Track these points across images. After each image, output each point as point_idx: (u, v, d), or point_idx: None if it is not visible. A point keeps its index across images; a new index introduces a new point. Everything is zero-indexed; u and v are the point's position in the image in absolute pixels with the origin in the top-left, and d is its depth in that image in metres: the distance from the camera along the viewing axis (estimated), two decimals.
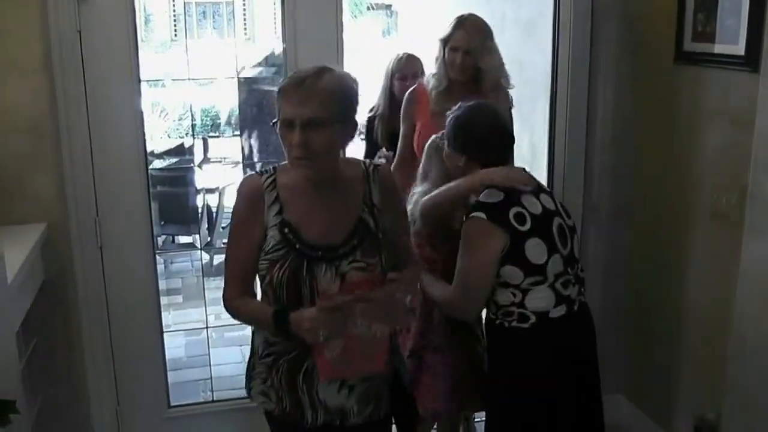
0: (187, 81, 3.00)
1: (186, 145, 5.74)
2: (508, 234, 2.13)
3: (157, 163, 5.25)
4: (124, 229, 2.71)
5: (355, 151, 3.28)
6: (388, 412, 1.98)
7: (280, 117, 1.74)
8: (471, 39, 2.77)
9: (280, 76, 2.92)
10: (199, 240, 5.16)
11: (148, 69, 2.89)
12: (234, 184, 4.95)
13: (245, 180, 1.91)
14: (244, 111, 3.81)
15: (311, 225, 1.81)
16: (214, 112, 6.99)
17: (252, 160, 4.21)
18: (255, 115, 4.14)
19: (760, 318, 2.29)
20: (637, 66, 2.94)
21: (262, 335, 1.89)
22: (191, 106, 5.01)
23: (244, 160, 3.87)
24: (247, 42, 6.08)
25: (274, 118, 1.77)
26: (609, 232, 3.12)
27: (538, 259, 2.14)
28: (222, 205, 5.17)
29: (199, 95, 5.58)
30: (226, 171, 5.57)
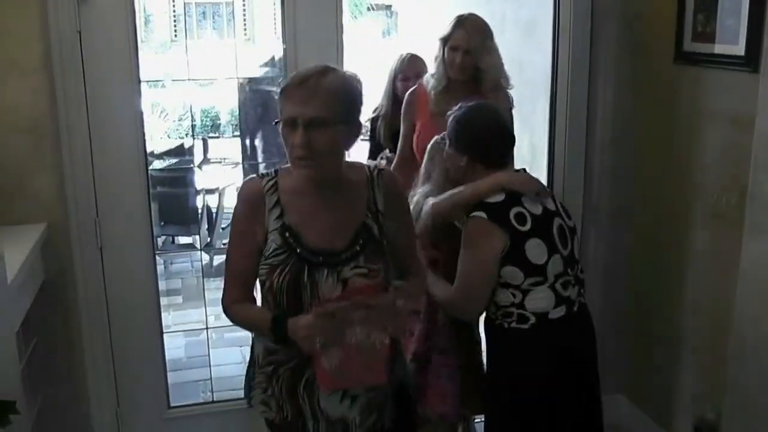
0: (187, 81, 2.99)
1: (186, 145, 5.74)
2: (509, 234, 2.13)
3: (157, 164, 5.25)
4: (124, 230, 2.70)
5: (358, 151, 3.30)
6: (391, 424, 1.93)
7: (283, 116, 1.70)
8: (471, 38, 2.78)
9: (280, 77, 2.92)
10: (199, 241, 5.16)
11: (148, 69, 2.89)
12: (234, 184, 5.00)
13: (246, 183, 1.87)
14: (244, 112, 3.81)
15: (313, 229, 1.76)
16: (214, 113, 6.99)
17: (256, 160, 4.21)
18: (256, 116, 4.14)
19: (760, 318, 2.29)
20: (637, 66, 2.94)
21: (262, 344, 1.84)
22: (191, 106, 5.02)
23: (244, 161, 3.87)
24: (247, 42, 6.08)
25: (274, 119, 1.74)
26: (609, 233, 3.12)
27: (539, 260, 2.14)
28: (222, 206, 5.18)
29: (199, 96, 5.58)
30: (226, 172, 5.58)
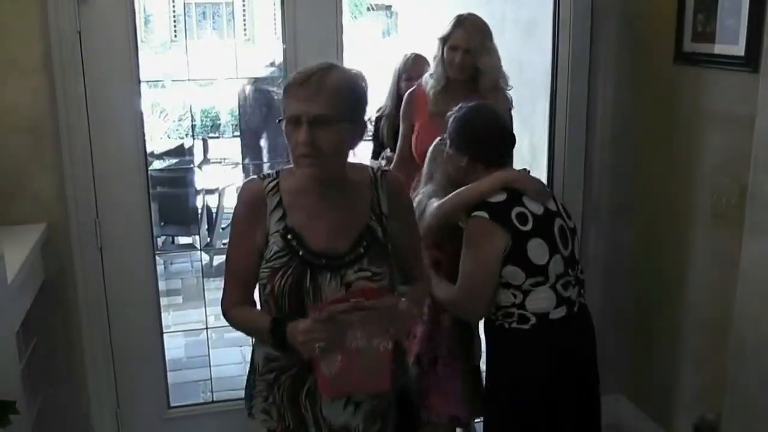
0: (187, 82, 2.99)
1: (186, 145, 5.74)
2: (510, 234, 2.13)
3: (157, 164, 5.26)
4: (124, 230, 2.70)
5: (363, 150, 3.30)
6: (394, 431, 1.88)
7: (286, 114, 1.66)
8: (471, 38, 2.78)
9: (280, 78, 2.92)
10: (199, 241, 5.16)
11: (148, 70, 2.89)
12: (234, 184, 5.00)
13: (246, 184, 1.82)
14: (244, 112, 3.80)
15: (316, 231, 1.72)
16: (214, 113, 6.99)
17: (261, 160, 4.20)
18: (258, 116, 4.14)
19: (760, 318, 2.29)
20: (637, 66, 2.94)
21: (263, 351, 1.80)
22: (191, 106, 5.01)
23: (245, 159, 3.85)
24: (247, 43, 6.08)
25: (277, 117, 1.70)
26: (609, 232, 3.12)
27: (540, 260, 2.14)
28: (222, 206, 5.18)
29: (198, 96, 5.58)
30: (226, 172, 5.58)
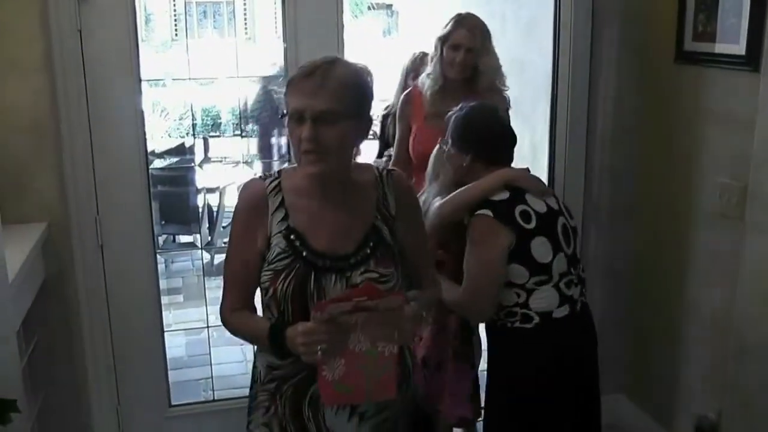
0: (188, 80, 2.99)
1: (187, 144, 5.74)
2: (514, 232, 2.12)
3: (158, 163, 5.26)
4: (124, 229, 2.70)
5: (368, 149, 3.30)
6: None
7: (289, 110, 1.60)
8: (474, 37, 2.77)
9: (281, 76, 2.92)
10: (200, 239, 5.17)
11: (148, 68, 2.89)
12: (234, 183, 5.01)
13: (247, 184, 1.76)
14: (255, 110, 3.80)
15: (319, 232, 1.66)
16: (215, 112, 6.99)
17: (271, 158, 4.19)
18: (259, 115, 4.15)
19: (760, 318, 2.29)
20: (638, 65, 2.94)
21: (265, 359, 1.73)
22: (192, 105, 5.01)
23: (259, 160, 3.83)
24: (248, 42, 6.08)
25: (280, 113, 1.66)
26: (610, 232, 3.12)
27: (544, 258, 2.14)
28: (223, 205, 5.18)
29: (199, 95, 5.58)
30: (227, 170, 5.59)
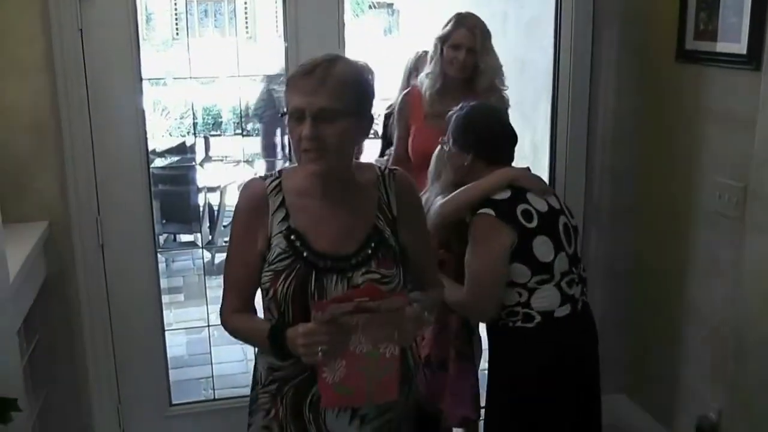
0: (189, 79, 3.00)
1: (187, 143, 5.74)
2: (516, 231, 2.12)
3: (159, 162, 5.27)
4: (125, 228, 2.70)
5: (370, 148, 3.29)
6: None
7: (289, 108, 1.58)
8: (475, 37, 2.77)
9: (282, 75, 2.92)
10: (201, 238, 5.17)
11: (149, 67, 2.89)
12: (235, 182, 5.01)
13: (247, 184, 1.75)
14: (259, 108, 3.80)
15: (320, 232, 1.64)
16: (216, 111, 7.00)
17: (275, 157, 4.18)
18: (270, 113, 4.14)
19: (761, 317, 2.28)
20: (639, 64, 2.94)
21: (265, 361, 1.72)
22: (193, 104, 5.02)
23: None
24: (249, 41, 6.09)
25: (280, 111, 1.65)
26: (610, 231, 3.12)
27: (546, 257, 2.14)
28: (223, 204, 5.19)
29: (200, 94, 5.59)
30: (228, 169, 5.59)
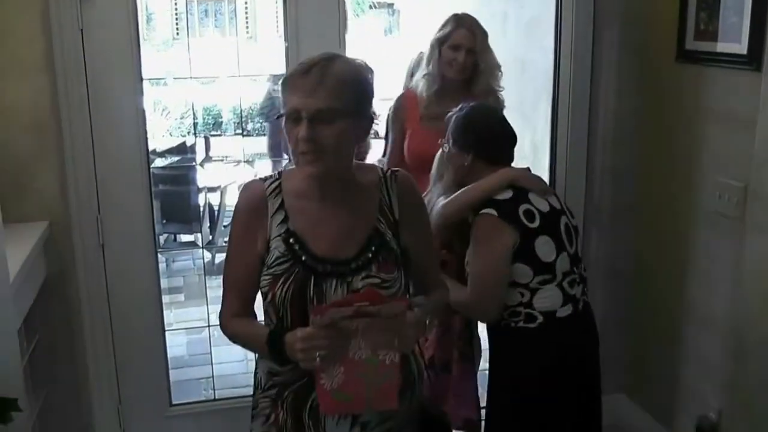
0: (189, 79, 3.00)
1: (188, 143, 5.74)
2: (519, 231, 2.12)
3: (159, 162, 5.26)
4: (125, 228, 2.70)
5: (375, 147, 3.28)
6: None
7: (286, 109, 1.55)
8: (475, 37, 2.76)
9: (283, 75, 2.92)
10: (201, 238, 5.17)
11: (150, 67, 2.89)
12: (236, 182, 5.00)
13: (246, 185, 1.72)
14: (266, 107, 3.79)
15: (320, 235, 1.62)
16: (216, 111, 7.00)
17: (280, 156, 4.17)
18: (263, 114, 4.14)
19: (761, 317, 2.28)
20: (639, 64, 2.94)
21: (265, 365, 1.69)
22: (193, 104, 5.01)
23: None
24: (249, 41, 6.09)
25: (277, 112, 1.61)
26: (611, 232, 3.12)
27: (548, 257, 2.14)
28: (224, 204, 5.18)
29: (201, 94, 5.58)
30: (228, 170, 5.59)
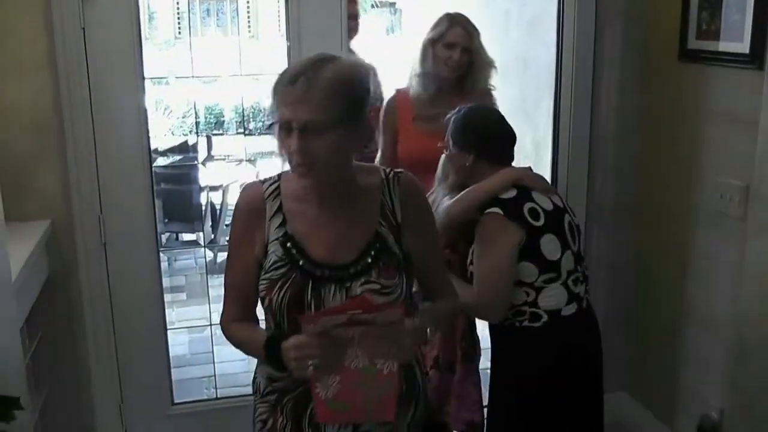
0: (191, 78, 3.00)
1: (190, 142, 5.75)
2: (524, 229, 2.12)
3: (161, 161, 5.27)
4: (127, 227, 2.70)
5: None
6: None
7: (277, 119, 1.50)
8: (470, 36, 2.74)
9: None
10: (203, 237, 5.17)
11: (152, 67, 2.89)
12: (238, 181, 5.01)
13: (244, 188, 1.69)
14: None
15: (318, 239, 1.58)
16: (218, 110, 7.01)
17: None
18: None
19: (762, 317, 2.28)
20: (641, 64, 2.93)
21: (265, 370, 1.66)
22: (195, 103, 5.03)
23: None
24: (251, 40, 6.09)
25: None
26: (613, 230, 3.11)
27: (553, 255, 2.14)
28: (226, 203, 5.19)
29: (202, 93, 5.59)
30: (230, 168, 5.60)
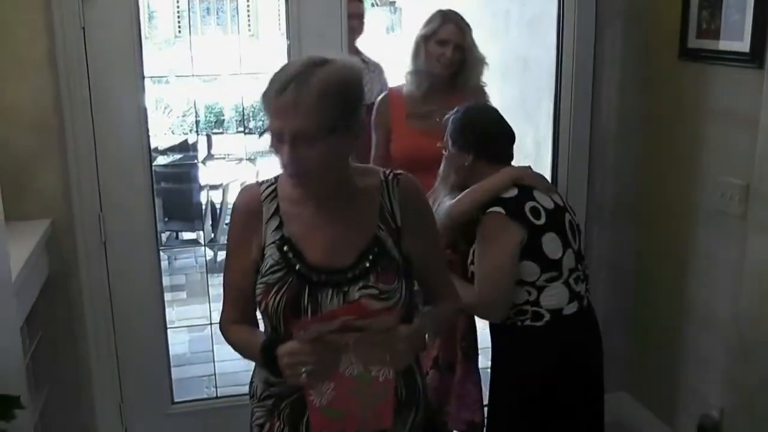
0: (191, 77, 3.00)
1: (190, 141, 5.75)
2: (526, 228, 2.12)
3: (161, 160, 5.27)
4: (127, 226, 2.71)
5: None
6: None
7: (268, 127, 1.47)
8: (463, 33, 2.73)
9: None
10: (203, 236, 5.17)
11: (152, 65, 2.89)
12: (238, 180, 5.01)
13: (242, 190, 1.67)
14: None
15: (315, 243, 1.55)
16: (218, 109, 7.00)
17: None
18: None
19: (763, 316, 2.28)
20: (642, 62, 2.93)
21: (262, 374, 1.64)
22: (195, 102, 5.02)
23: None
24: (251, 38, 6.08)
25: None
26: (613, 230, 3.11)
27: (555, 254, 2.14)
28: (226, 202, 5.19)
29: (203, 92, 5.58)
30: (230, 167, 5.59)
